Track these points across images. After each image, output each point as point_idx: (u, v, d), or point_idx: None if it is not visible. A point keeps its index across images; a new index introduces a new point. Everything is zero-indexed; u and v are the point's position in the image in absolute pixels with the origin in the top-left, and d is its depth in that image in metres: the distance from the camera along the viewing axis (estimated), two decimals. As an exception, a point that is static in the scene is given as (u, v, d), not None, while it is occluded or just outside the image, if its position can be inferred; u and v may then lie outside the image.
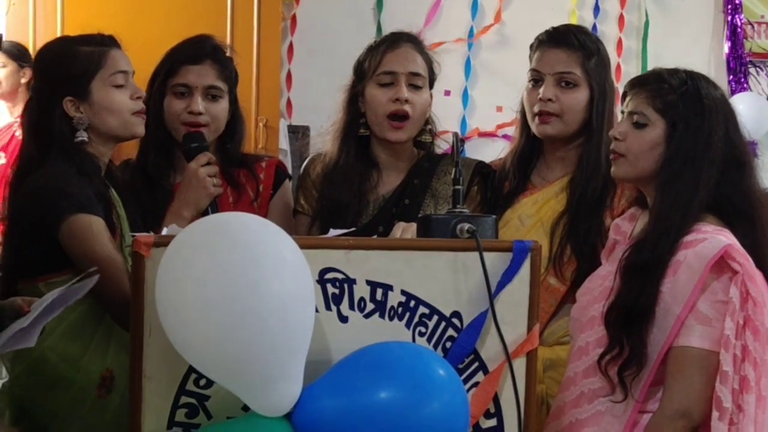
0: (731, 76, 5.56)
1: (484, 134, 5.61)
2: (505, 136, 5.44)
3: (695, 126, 2.46)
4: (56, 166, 2.61)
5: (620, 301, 2.44)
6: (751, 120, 2.73)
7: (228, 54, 3.05)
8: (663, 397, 2.40)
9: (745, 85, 5.54)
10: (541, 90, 3.00)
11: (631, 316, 2.41)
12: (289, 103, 5.62)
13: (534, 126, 3.03)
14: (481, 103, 5.65)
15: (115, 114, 2.69)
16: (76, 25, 3.14)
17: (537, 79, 3.04)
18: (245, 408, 2.14)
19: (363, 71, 3.05)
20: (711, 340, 2.36)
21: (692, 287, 2.36)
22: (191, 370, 2.17)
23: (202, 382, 2.19)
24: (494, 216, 2.38)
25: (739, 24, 5.55)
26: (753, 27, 5.59)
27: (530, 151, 3.09)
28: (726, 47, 5.59)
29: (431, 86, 3.09)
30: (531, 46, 3.10)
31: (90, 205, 2.54)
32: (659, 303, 2.39)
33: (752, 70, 5.60)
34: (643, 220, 2.56)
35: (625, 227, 2.63)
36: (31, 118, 2.71)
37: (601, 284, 2.55)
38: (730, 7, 5.56)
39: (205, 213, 2.72)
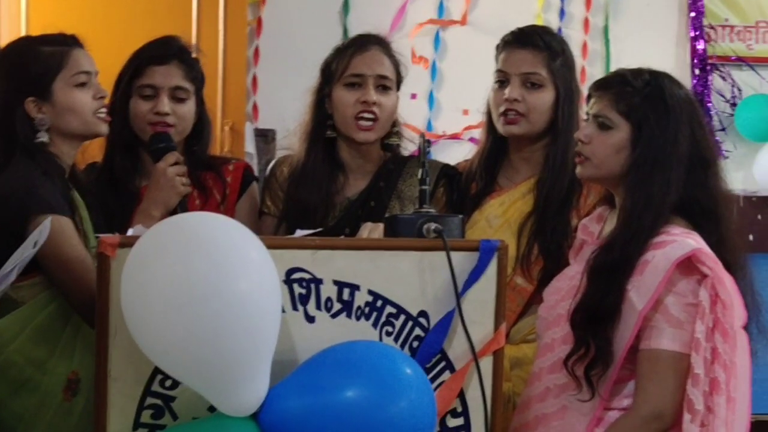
0: (695, 80, 5.59)
1: (450, 137, 5.61)
2: (471, 139, 5.45)
3: (661, 127, 2.47)
4: (21, 167, 2.59)
5: (586, 301, 2.45)
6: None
7: (194, 55, 3.03)
8: (636, 398, 2.40)
9: (708, 88, 5.57)
10: (506, 90, 3.01)
11: (596, 316, 2.42)
12: (255, 107, 5.59)
13: (500, 126, 3.04)
14: (447, 105, 5.65)
15: (77, 114, 2.67)
16: (40, 26, 3.12)
17: (503, 80, 3.05)
18: (211, 408, 2.14)
19: (330, 73, 3.05)
20: (682, 343, 2.37)
21: (656, 284, 2.37)
22: (157, 370, 2.16)
23: (168, 382, 2.18)
24: (461, 216, 2.38)
25: (701, 27, 5.59)
26: (716, 30, 5.63)
27: (496, 152, 3.10)
28: (689, 50, 5.62)
29: (398, 88, 3.09)
30: (497, 47, 3.12)
31: (58, 206, 2.52)
32: (625, 302, 2.40)
33: (716, 73, 5.64)
34: (611, 220, 2.56)
35: (592, 227, 2.64)
36: None
37: (569, 283, 2.55)
38: (693, 10, 5.59)
39: (174, 212, 2.71)
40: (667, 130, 2.47)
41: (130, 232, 2.28)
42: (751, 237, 4.60)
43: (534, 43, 3.03)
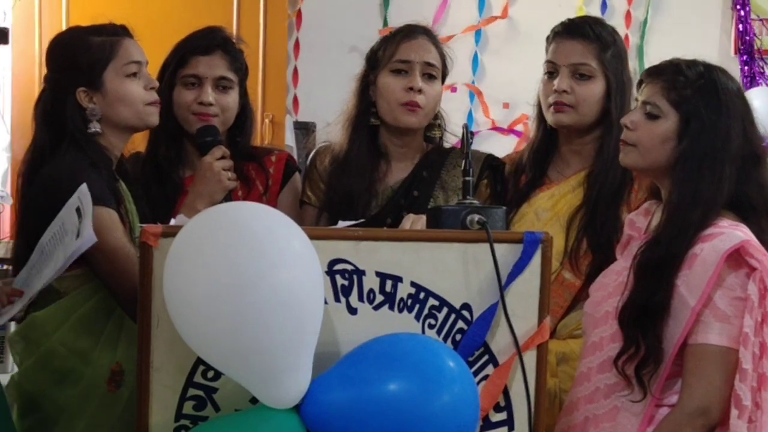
0: (742, 73, 5.54)
1: (495, 128, 5.59)
2: (513, 132, 5.44)
3: (712, 122, 2.42)
4: (69, 157, 2.60)
5: (635, 299, 2.41)
6: (765, 115, 2.70)
7: (238, 46, 3.03)
8: (682, 394, 2.37)
9: (758, 82, 5.52)
10: (556, 82, 2.98)
11: (645, 313, 2.38)
12: (295, 100, 5.60)
13: (549, 116, 3.01)
14: (488, 99, 5.63)
15: (129, 105, 2.68)
16: (81, 19, 3.13)
17: (552, 71, 3.02)
18: (253, 400, 2.13)
19: (376, 60, 3.05)
20: (730, 337, 2.33)
21: (707, 279, 2.33)
22: (199, 361, 2.16)
23: (210, 373, 2.18)
24: (504, 207, 2.36)
25: (747, 20, 5.54)
26: (763, 23, 5.58)
27: (546, 144, 3.06)
28: (733, 44, 5.58)
29: (443, 81, 3.08)
30: (547, 38, 3.08)
31: (103, 197, 2.53)
32: (675, 297, 2.36)
33: (761, 66, 5.59)
34: (658, 214, 2.52)
35: (639, 222, 2.60)
36: (44, 109, 2.70)
37: (616, 279, 2.52)
38: (739, 3, 5.54)
39: None
40: (718, 126, 2.42)
41: (172, 222, 2.27)
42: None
43: (584, 34, 2.99)
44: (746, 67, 5.58)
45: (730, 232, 2.36)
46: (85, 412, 2.55)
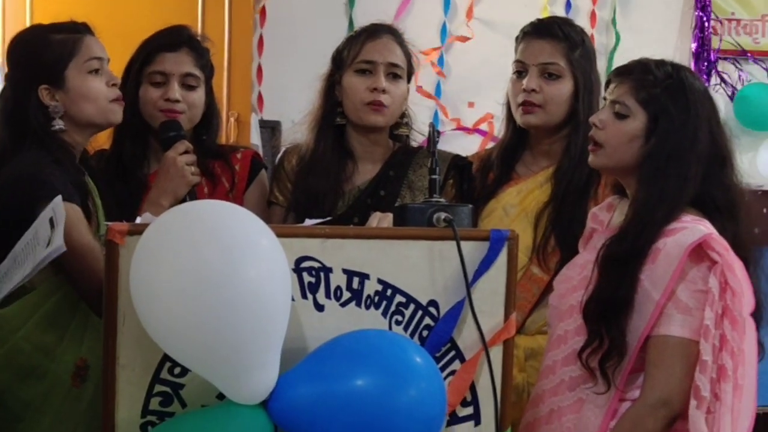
0: (700, 73, 5.58)
1: (460, 128, 5.60)
2: (478, 131, 5.45)
3: (680, 121, 2.45)
4: (31, 154, 2.59)
5: (599, 293, 2.43)
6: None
7: (204, 44, 3.03)
8: (644, 385, 2.40)
9: (708, 83, 5.57)
10: (525, 81, 3.00)
11: (610, 308, 2.41)
12: (260, 98, 5.58)
13: (518, 116, 3.03)
14: (453, 98, 5.64)
15: (92, 101, 2.67)
16: (45, 18, 3.12)
17: (521, 70, 3.04)
18: (220, 396, 2.13)
19: (341, 60, 3.06)
20: (691, 329, 2.36)
21: (671, 273, 2.36)
22: (166, 358, 2.16)
23: (177, 370, 2.18)
24: (471, 205, 2.37)
25: (707, 20, 5.58)
26: (722, 23, 5.63)
27: (516, 143, 3.09)
28: (693, 44, 5.63)
29: (409, 80, 3.09)
30: (516, 38, 3.11)
31: (66, 193, 2.51)
32: (638, 291, 2.39)
33: (724, 65, 5.63)
34: (621, 210, 2.55)
35: (602, 216, 2.63)
36: (5, 108, 2.69)
37: (580, 273, 2.54)
38: (700, 3, 5.59)
39: (183, 202, 2.71)
40: (686, 126, 2.45)
41: (138, 220, 2.27)
42: (756, 230, 4.58)
43: (553, 34, 3.02)
44: (704, 68, 5.62)
45: (693, 227, 2.39)
46: (50, 408, 2.54)
